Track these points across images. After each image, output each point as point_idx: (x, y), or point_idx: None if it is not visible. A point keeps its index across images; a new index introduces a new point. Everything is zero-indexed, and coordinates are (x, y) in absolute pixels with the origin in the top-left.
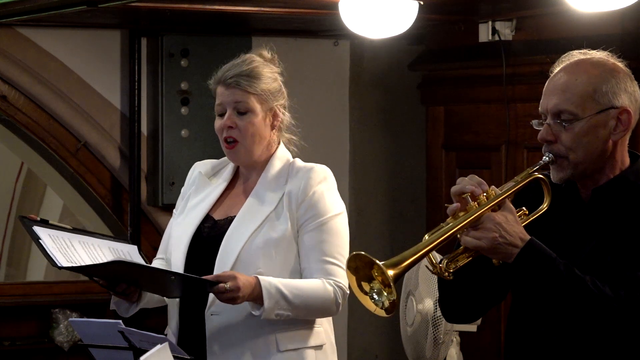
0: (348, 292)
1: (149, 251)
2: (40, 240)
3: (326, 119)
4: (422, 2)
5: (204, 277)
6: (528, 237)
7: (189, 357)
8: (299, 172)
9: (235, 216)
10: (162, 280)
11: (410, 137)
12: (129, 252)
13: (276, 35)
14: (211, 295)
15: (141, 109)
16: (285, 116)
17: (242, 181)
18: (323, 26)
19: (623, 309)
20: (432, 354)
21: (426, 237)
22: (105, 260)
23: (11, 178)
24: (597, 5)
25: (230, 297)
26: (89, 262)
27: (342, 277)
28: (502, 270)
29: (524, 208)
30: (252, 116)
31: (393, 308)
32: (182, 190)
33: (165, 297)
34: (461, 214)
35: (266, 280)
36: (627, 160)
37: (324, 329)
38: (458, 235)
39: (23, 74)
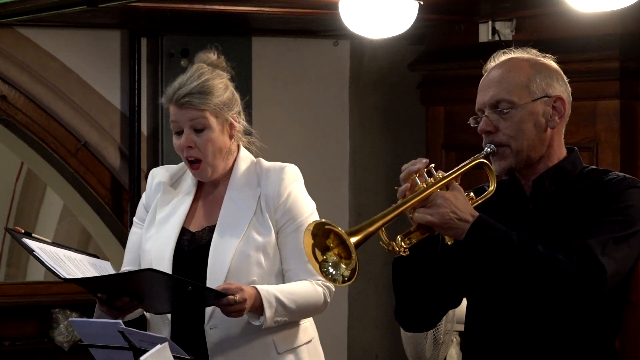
0: (334, 289)
1: None
2: (34, 253)
3: (326, 119)
4: (422, 2)
5: (213, 288)
6: (477, 213)
7: (189, 357)
8: (269, 172)
9: (213, 226)
10: (178, 290)
11: (410, 137)
12: (105, 268)
13: (276, 35)
14: (209, 309)
15: (141, 109)
16: (240, 123)
17: (209, 189)
18: (323, 26)
19: (577, 272)
20: (432, 354)
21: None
22: (90, 275)
23: (11, 178)
24: (597, 5)
25: (237, 309)
26: (81, 275)
27: None
28: (456, 270)
29: (471, 193)
30: (209, 132)
31: (353, 275)
32: (144, 199)
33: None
34: (411, 196)
35: (264, 289)
36: (564, 152)
37: (310, 323)
38: (409, 215)
39: (23, 74)
